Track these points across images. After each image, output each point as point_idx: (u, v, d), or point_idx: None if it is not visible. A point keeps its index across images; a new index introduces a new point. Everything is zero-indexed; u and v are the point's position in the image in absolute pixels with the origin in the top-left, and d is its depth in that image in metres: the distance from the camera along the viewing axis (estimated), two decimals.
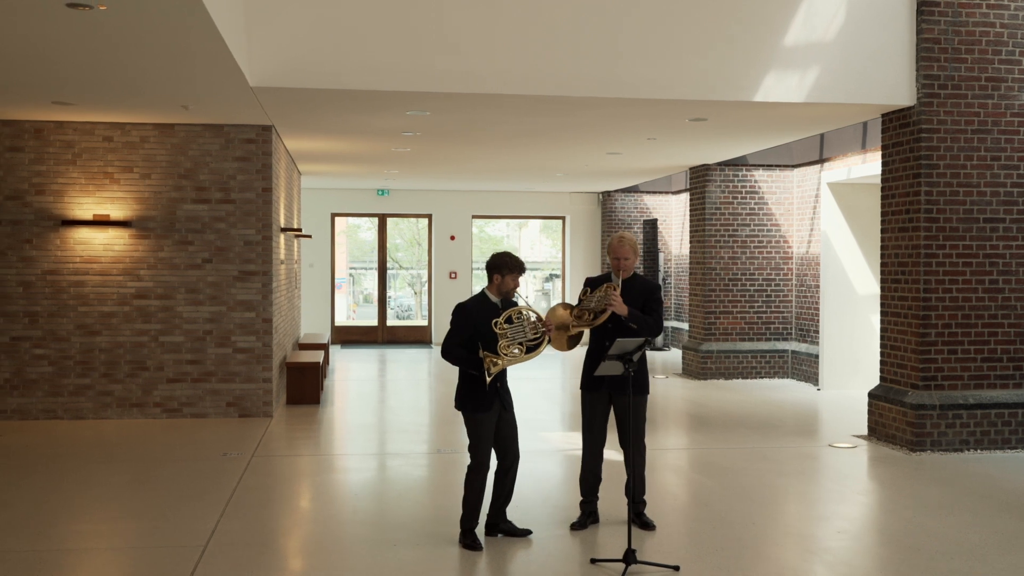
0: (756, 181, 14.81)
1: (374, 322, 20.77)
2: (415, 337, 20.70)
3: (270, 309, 10.86)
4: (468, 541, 6.16)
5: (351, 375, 15.39)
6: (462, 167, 15.69)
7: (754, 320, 14.87)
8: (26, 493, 7.51)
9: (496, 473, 6.37)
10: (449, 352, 6.18)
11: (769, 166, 14.83)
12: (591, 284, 6.65)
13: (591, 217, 20.77)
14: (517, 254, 6.35)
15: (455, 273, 20.22)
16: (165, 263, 10.73)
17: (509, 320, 6.14)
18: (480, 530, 6.35)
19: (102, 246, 10.64)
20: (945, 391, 9.26)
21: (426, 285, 20.93)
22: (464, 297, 18.96)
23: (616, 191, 20.06)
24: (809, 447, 9.51)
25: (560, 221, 21.43)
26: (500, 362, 6.05)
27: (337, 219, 20.68)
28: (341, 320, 21.71)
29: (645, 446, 6.72)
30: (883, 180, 9.89)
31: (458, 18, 8.59)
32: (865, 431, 10.13)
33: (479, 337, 6.13)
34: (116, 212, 10.65)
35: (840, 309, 13.44)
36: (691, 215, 15.33)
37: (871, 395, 9.94)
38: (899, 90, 9.27)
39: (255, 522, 6.74)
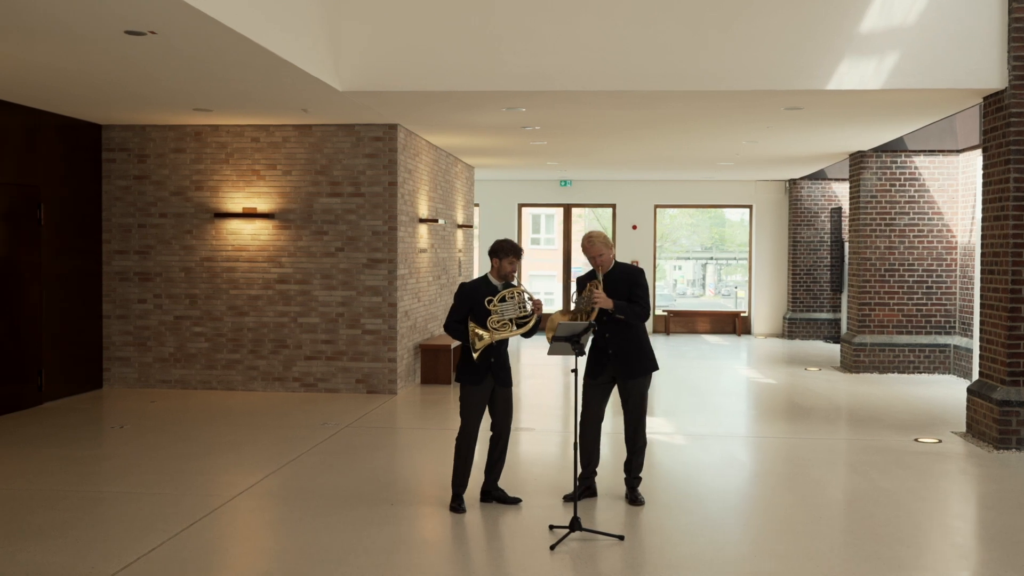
0: (916, 167, 14.26)
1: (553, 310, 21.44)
2: None
3: (395, 294, 11.78)
4: (453, 505, 6.75)
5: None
6: (627, 156, 16.03)
7: (912, 313, 14.32)
8: (134, 448, 8.76)
9: (489, 444, 6.91)
10: (448, 327, 6.81)
11: (931, 151, 14.23)
12: (579, 283, 7.05)
13: (778, 206, 20.44)
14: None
15: (637, 262, 20.52)
16: (303, 251, 11.89)
17: (503, 300, 6.68)
18: (475, 496, 6.91)
19: (250, 236, 11.95)
20: None
21: None
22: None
23: (802, 178, 19.63)
24: (893, 441, 9.29)
25: (747, 210, 21.23)
26: (486, 336, 6.59)
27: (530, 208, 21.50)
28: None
29: (645, 426, 7.05)
30: (983, 167, 9.48)
31: (535, 18, 9.08)
32: (964, 428, 9.77)
33: (476, 316, 6.70)
34: (262, 205, 11.91)
35: None
36: (849, 203, 14.95)
37: (969, 391, 9.56)
38: (989, 74, 8.88)
39: (296, 481, 7.57)
